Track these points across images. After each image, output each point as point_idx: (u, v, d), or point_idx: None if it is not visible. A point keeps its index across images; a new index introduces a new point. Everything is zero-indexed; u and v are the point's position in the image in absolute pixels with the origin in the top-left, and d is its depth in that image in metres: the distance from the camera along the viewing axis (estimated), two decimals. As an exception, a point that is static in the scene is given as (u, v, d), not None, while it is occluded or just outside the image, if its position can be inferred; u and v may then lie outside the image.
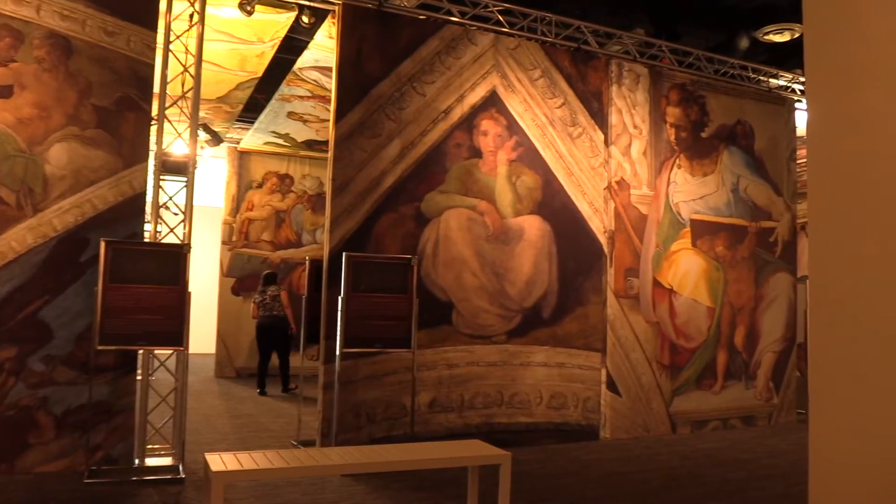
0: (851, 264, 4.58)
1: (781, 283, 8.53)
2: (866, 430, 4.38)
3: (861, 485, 4.34)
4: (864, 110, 4.56)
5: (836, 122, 4.77)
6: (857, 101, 4.58)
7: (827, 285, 4.78)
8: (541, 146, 7.01)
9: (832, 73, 4.79)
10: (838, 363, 4.57)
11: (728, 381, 8.01)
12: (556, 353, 6.90)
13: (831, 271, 4.74)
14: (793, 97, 8.96)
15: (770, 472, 5.81)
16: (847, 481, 4.44)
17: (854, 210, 4.56)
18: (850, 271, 4.60)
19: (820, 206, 4.86)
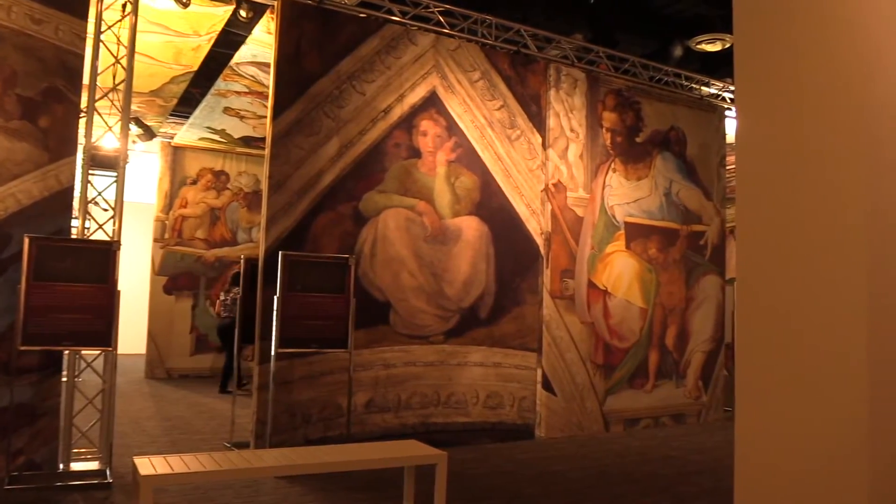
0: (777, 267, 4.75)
1: (711, 284, 8.80)
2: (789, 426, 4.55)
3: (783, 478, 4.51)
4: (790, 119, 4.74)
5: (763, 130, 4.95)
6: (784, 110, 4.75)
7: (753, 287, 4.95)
8: (480, 147, 7.05)
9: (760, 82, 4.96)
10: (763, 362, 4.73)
11: (659, 380, 8.22)
12: (492, 353, 6.96)
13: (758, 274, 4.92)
14: (723, 105, 9.25)
15: (698, 468, 5.98)
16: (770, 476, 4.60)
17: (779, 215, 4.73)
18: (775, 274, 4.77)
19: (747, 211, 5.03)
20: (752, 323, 4.76)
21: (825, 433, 4.28)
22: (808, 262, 4.44)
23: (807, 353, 4.41)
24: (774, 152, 4.70)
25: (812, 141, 4.48)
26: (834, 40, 4.41)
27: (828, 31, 4.44)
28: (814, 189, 4.45)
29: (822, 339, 4.35)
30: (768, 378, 4.61)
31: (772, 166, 4.71)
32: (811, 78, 4.51)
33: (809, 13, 4.54)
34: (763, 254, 4.73)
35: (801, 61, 4.57)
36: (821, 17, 4.48)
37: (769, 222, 4.70)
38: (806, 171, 4.50)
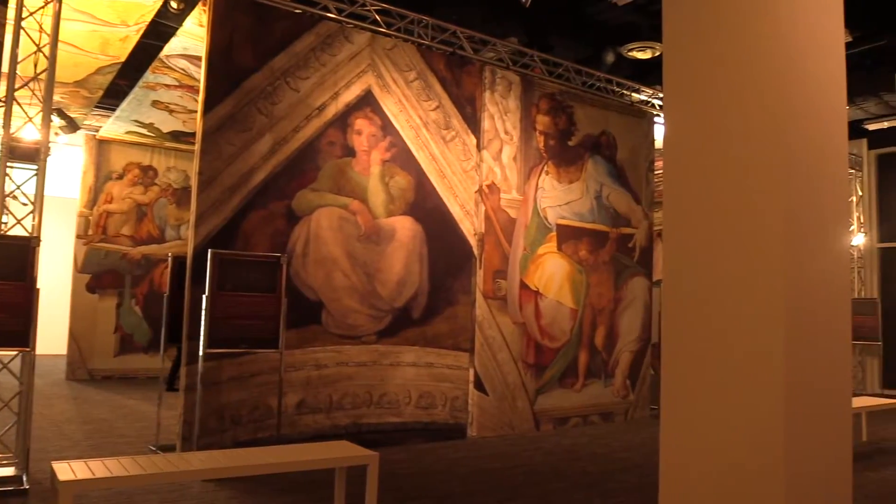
0: (700, 269, 4.91)
1: (638, 286, 9.02)
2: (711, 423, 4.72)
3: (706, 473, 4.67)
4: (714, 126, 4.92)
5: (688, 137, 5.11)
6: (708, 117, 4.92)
7: (678, 289, 5.11)
8: (414, 147, 7.06)
9: (687, 90, 5.13)
10: (687, 362, 4.89)
11: (588, 380, 8.38)
12: (425, 353, 6.97)
13: (682, 276, 5.08)
14: (653, 111, 9.50)
15: (625, 464, 6.12)
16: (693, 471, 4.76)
17: (703, 219, 4.90)
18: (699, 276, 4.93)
19: (673, 215, 5.19)
20: (676, 323, 4.91)
21: (745, 429, 4.46)
22: (729, 264, 4.60)
23: (728, 353, 4.58)
24: (699, 158, 4.87)
25: (733, 147, 4.65)
26: (754, 52, 4.59)
27: (749, 44, 4.62)
28: (735, 193, 4.62)
29: (743, 338, 4.52)
30: (692, 377, 4.77)
31: (697, 171, 4.87)
32: (733, 87, 4.68)
33: (733, 26, 4.72)
34: (687, 256, 4.88)
35: (724, 71, 4.74)
36: (743, 30, 4.66)
37: (693, 226, 4.86)
38: (728, 176, 4.67)
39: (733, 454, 4.46)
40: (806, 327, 4.48)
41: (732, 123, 4.67)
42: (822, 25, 4.85)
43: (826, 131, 4.81)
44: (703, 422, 4.66)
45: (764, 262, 4.42)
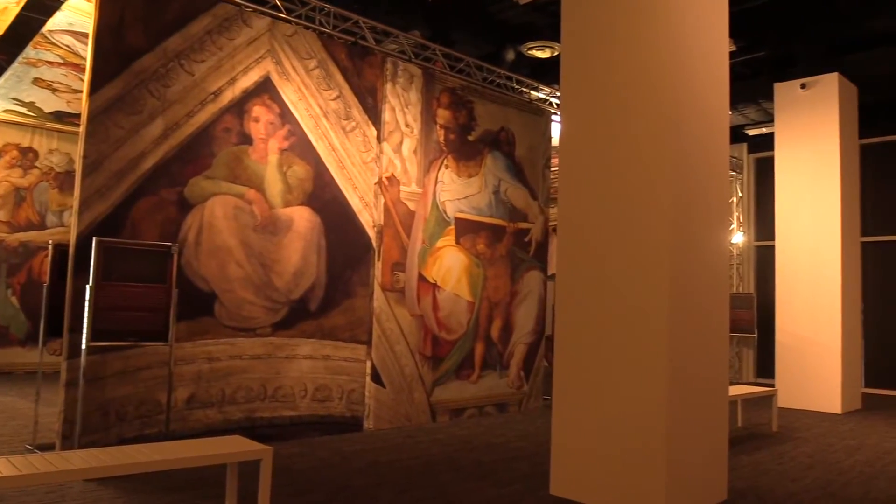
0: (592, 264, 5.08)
1: (534, 280, 9.24)
2: (599, 412, 4.90)
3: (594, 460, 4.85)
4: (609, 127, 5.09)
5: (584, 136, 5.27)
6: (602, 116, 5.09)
7: (571, 283, 5.27)
8: (314, 137, 6.95)
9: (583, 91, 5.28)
10: (579, 353, 5.06)
11: (484, 371, 8.52)
12: (322, 346, 6.90)
13: (575, 270, 5.24)
14: (550, 110, 9.73)
15: (518, 453, 6.27)
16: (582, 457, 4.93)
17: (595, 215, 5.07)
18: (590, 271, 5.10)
19: (567, 211, 5.34)
20: (569, 316, 5.07)
21: (630, 416, 4.66)
22: (619, 260, 4.79)
23: (616, 344, 4.77)
24: (593, 157, 5.03)
25: (625, 147, 4.84)
26: (647, 58, 4.79)
27: (642, 50, 4.81)
28: (625, 192, 4.81)
29: (630, 331, 4.72)
30: (582, 367, 4.94)
31: (590, 169, 5.04)
32: (626, 90, 4.87)
33: (627, 32, 4.90)
34: (580, 251, 5.04)
35: (618, 74, 4.92)
36: (637, 37, 4.84)
37: (586, 222, 5.03)
38: (619, 175, 4.86)
39: (619, 439, 4.65)
40: (688, 320, 4.72)
41: (624, 125, 4.85)
42: (708, 35, 5.11)
43: (710, 135, 5.08)
44: (591, 410, 4.84)
45: (651, 258, 4.62)
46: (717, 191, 5.16)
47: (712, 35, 5.16)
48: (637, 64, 4.82)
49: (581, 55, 5.17)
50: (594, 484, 4.74)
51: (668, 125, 4.66)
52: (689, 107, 4.85)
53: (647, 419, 4.53)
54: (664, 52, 4.70)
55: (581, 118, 5.14)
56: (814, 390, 9.66)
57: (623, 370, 4.68)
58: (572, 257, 5.09)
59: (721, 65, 5.27)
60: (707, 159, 5.02)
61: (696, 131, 4.91)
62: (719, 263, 5.14)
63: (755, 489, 5.24)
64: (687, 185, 4.78)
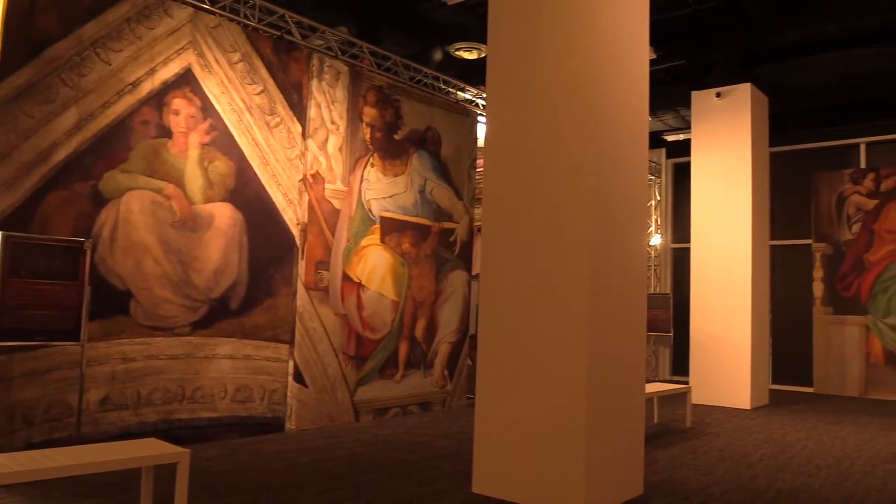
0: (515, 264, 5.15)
1: (458, 279, 9.30)
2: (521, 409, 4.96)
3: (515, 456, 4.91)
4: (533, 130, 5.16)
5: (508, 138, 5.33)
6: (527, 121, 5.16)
7: (494, 282, 5.32)
8: (237, 132, 6.80)
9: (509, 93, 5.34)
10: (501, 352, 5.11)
11: (408, 370, 8.53)
12: (243, 345, 6.76)
13: (498, 270, 5.29)
14: (476, 111, 9.80)
15: (441, 452, 6.30)
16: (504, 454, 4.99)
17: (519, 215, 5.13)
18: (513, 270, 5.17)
19: (492, 212, 5.39)
20: (492, 315, 5.13)
21: (551, 413, 4.74)
22: (541, 260, 4.87)
23: (538, 343, 4.85)
24: (517, 158, 5.10)
25: (548, 151, 4.93)
26: (571, 64, 4.88)
27: (566, 56, 4.90)
28: (548, 194, 4.89)
29: (551, 330, 4.80)
30: (505, 366, 5.00)
31: (514, 171, 5.10)
32: (550, 95, 4.95)
33: (553, 38, 4.98)
34: (503, 252, 5.10)
35: (543, 79, 5.00)
36: (562, 42, 4.93)
37: (510, 222, 5.09)
38: (542, 177, 4.94)
39: (540, 436, 4.73)
40: (607, 320, 4.84)
41: (548, 128, 4.93)
42: (630, 43, 5.25)
43: (630, 140, 5.22)
44: (513, 408, 4.91)
45: (572, 259, 4.72)
46: (637, 194, 5.31)
47: (634, 42, 5.31)
48: (561, 69, 4.91)
49: (507, 58, 5.24)
50: (516, 481, 4.81)
51: (591, 129, 4.76)
52: (610, 111, 4.97)
53: (567, 416, 4.62)
54: (588, 57, 4.81)
55: (506, 120, 5.20)
56: (725, 387, 10.06)
57: (544, 369, 4.77)
58: (496, 257, 5.15)
59: (642, 72, 5.42)
60: (627, 163, 5.16)
61: (617, 136, 5.04)
62: (637, 264, 5.29)
63: (670, 483, 5.42)
64: (608, 188, 4.90)
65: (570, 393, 4.61)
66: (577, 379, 4.58)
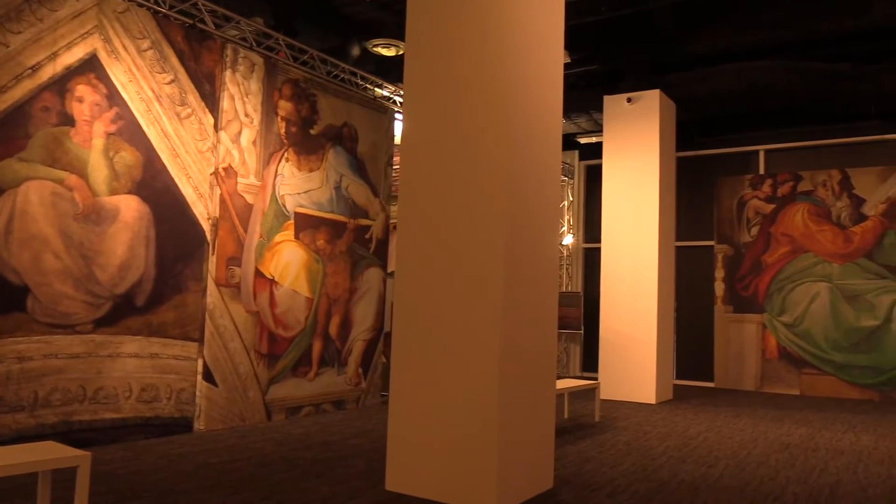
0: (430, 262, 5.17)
1: (374, 277, 9.26)
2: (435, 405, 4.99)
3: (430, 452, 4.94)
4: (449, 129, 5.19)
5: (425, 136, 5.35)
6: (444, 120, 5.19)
7: (410, 280, 5.33)
8: (145, 122, 6.56)
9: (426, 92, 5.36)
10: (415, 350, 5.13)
11: (322, 368, 8.44)
12: (149, 343, 6.53)
13: (413, 267, 5.31)
14: (394, 108, 9.78)
15: (355, 451, 6.26)
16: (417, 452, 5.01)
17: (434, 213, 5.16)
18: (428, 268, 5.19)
19: (408, 210, 5.40)
20: (406, 313, 5.13)
21: (465, 410, 4.79)
22: (456, 258, 4.91)
23: (451, 340, 4.88)
24: (433, 157, 5.12)
25: (464, 150, 4.97)
26: (488, 60, 4.94)
27: (483, 53, 4.96)
28: (464, 193, 4.93)
29: (465, 327, 4.85)
30: (419, 364, 5.01)
31: (430, 169, 5.12)
32: (467, 94, 4.99)
33: (470, 34, 5.02)
34: (419, 249, 5.12)
35: (460, 75, 5.04)
36: (479, 38, 4.98)
37: (425, 220, 5.11)
38: (458, 176, 4.98)
39: (453, 433, 4.77)
40: (520, 318, 4.92)
41: (464, 127, 4.98)
42: (546, 46, 5.35)
43: (545, 141, 5.32)
44: (427, 405, 4.93)
45: (486, 257, 4.78)
46: (550, 194, 5.43)
47: (549, 45, 5.41)
48: (478, 68, 4.97)
49: (424, 56, 5.25)
50: (429, 477, 4.83)
51: (506, 129, 4.83)
52: (526, 113, 5.06)
53: (480, 413, 4.68)
54: (504, 58, 4.87)
55: (423, 118, 5.21)
56: (632, 382, 10.40)
57: (458, 366, 4.81)
58: (411, 255, 5.15)
59: (557, 74, 5.54)
60: (541, 164, 5.26)
61: (531, 136, 5.13)
62: (550, 263, 5.40)
63: (579, 476, 5.56)
64: (522, 187, 4.99)
65: (482, 390, 4.67)
66: (490, 376, 4.65)
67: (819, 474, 5.86)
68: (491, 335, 4.67)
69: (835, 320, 11.72)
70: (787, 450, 6.87)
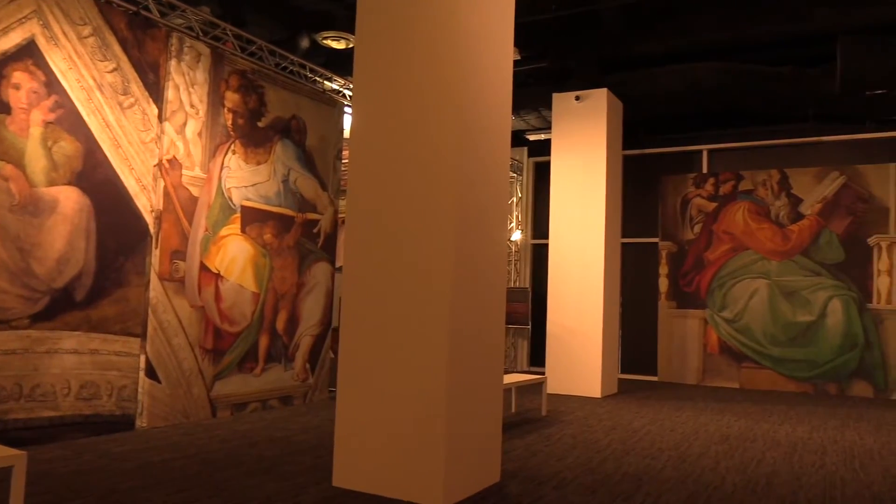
0: (378, 257, 5.16)
1: (322, 271, 9.19)
2: (383, 400, 4.99)
3: (377, 446, 4.93)
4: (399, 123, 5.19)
5: (375, 130, 5.33)
6: (394, 114, 5.18)
7: (358, 275, 5.31)
8: (85, 111, 6.37)
9: (375, 85, 5.33)
10: (363, 345, 5.11)
11: (269, 364, 8.34)
12: (89, 339, 6.36)
13: (362, 262, 5.28)
14: (343, 101, 9.71)
15: (302, 447, 6.21)
16: (365, 447, 4.99)
17: (383, 208, 5.14)
18: (376, 263, 5.18)
19: (356, 204, 5.38)
20: (354, 308, 5.11)
21: (413, 404, 4.79)
22: (405, 253, 4.90)
23: (400, 336, 4.88)
24: (383, 151, 5.10)
25: (414, 145, 4.96)
26: (438, 55, 4.94)
27: (433, 48, 4.95)
28: (413, 188, 4.93)
29: (413, 323, 4.85)
30: (367, 359, 5.00)
31: (380, 164, 5.10)
32: (417, 90, 4.99)
33: (421, 29, 5.01)
34: (367, 244, 5.09)
35: (410, 70, 5.02)
36: (429, 34, 4.98)
37: (374, 215, 5.09)
38: (407, 171, 4.97)
39: (400, 428, 4.77)
40: (468, 313, 4.94)
41: (414, 122, 4.97)
42: (496, 42, 5.38)
43: (494, 138, 5.35)
44: (374, 400, 4.91)
45: (435, 253, 4.78)
46: (499, 190, 5.46)
47: (499, 42, 5.44)
48: (427, 63, 4.96)
49: (374, 50, 5.22)
50: (376, 473, 4.82)
51: (455, 125, 4.84)
52: (475, 109, 5.07)
53: (428, 408, 4.69)
54: (454, 53, 4.88)
55: (372, 112, 5.19)
56: (578, 377, 10.55)
57: (406, 361, 4.81)
58: (359, 250, 5.13)
59: (506, 70, 5.57)
60: (490, 160, 5.29)
61: (481, 132, 5.15)
62: (498, 259, 5.44)
63: (525, 469, 5.62)
64: (471, 183, 5.00)
65: (430, 385, 4.68)
66: (438, 371, 4.66)
67: (756, 464, 6.04)
68: (439, 330, 4.68)
69: (773, 316, 12.08)
70: (727, 441, 7.06)
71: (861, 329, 11.48)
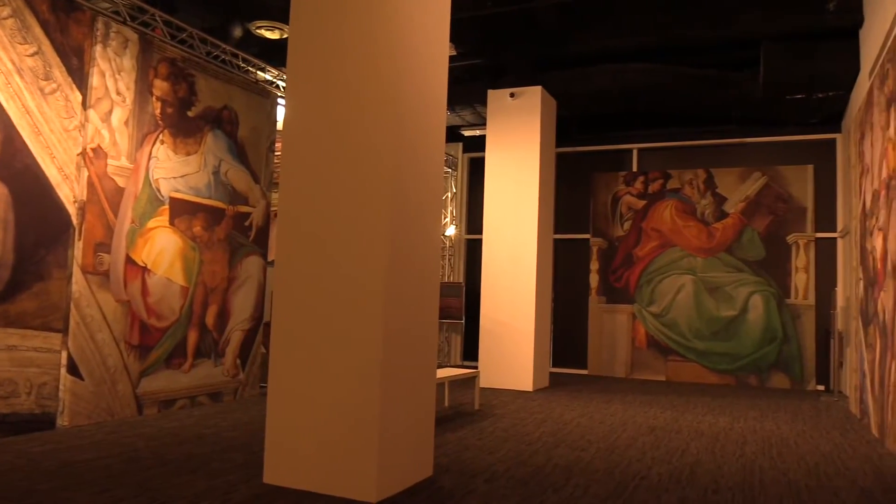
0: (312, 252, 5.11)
1: (253, 265, 9.03)
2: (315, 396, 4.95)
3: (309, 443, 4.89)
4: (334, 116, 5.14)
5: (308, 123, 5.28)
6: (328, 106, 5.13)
7: (290, 269, 5.26)
8: (4, 97, 6.10)
9: (310, 77, 5.28)
10: (295, 340, 5.06)
11: (198, 360, 8.15)
12: (6, 335, 6.09)
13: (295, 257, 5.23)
14: (277, 92, 9.55)
15: (232, 444, 6.10)
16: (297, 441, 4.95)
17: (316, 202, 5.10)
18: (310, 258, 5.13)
19: (289, 197, 5.32)
20: (286, 303, 5.04)
21: (345, 400, 4.77)
22: (338, 248, 4.87)
23: (332, 331, 4.85)
24: (316, 144, 5.05)
25: (348, 138, 4.93)
26: (373, 48, 4.91)
27: (369, 40, 4.92)
28: (347, 182, 4.89)
29: (346, 318, 4.82)
30: (299, 354, 4.94)
31: (313, 157, 5.05)
32: (352, 78, 4.95)
33: (356, 21, 4.98)
34: (299, 238, 5.04)
35: (345, 62, 4.98)
36: (365, 26, 4.94)
37: (307, 208, 5.03)
38: (341, 164, 4.93)
39: (333, 423, 4.74)
40: (401, 308, 4.94)
41: (348, 115, 4.93)
42: (432, 37, 5.38)
43: (429, 133, 5.36)
44: (306, 396, 4.87)
45: (368, 248, 4.76)
46: (433, 185, 5.47)
47: (435, 36, 5.44)
48: (362, 56, 4.93)
49: (309, 41, 5.16)
50: (308, 469, 4.78)
51: (390, 118, 4.83)
52: (410, 103, 5.07)
53: (360, 402, 4.67)
54: (389, 47, 4.86)
55: (306, 104, 5.12)
56: (511, 371, 10.68)
57: (338, 355, 4.78)
58: (292, 243, 5.07)
59: (442, 65, 5.58)
60: (425, 154, 5.29)
61: (415, 127, 5.14)
62: (432, 254, 5.45)
63: (458, 463, 5.66)
64: (405, 177, 5.00)
65: (363, 379, 4.66)
66: (371, 365, 4.64)
67: (681, 455, 6.24)
68: (372, 325, 4.67)
69: (698, 311, 12.48)
70: (654, 432, 7.26)
71: (780, 324, 11.97)
